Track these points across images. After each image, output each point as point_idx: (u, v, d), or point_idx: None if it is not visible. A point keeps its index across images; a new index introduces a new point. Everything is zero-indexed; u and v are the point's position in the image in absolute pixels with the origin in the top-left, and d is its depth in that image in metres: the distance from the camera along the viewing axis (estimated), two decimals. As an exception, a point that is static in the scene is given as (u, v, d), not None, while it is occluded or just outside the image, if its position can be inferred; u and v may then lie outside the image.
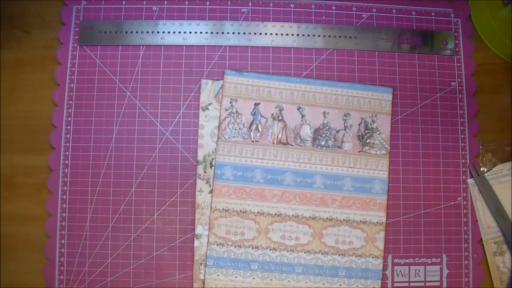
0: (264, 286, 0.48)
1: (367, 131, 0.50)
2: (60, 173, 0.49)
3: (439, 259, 0.50)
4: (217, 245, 0.48)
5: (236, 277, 0.48)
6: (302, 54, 0.52)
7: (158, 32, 0.51)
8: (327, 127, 0.50)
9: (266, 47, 0.52)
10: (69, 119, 0.50)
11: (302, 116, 0.50)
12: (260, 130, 0.49)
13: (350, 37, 0.52)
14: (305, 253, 0.48)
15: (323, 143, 0.49)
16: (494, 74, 0.53)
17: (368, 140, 0.50)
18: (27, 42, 0.51)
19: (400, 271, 0.49)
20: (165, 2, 0.52)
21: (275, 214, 0.49)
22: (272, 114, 0.50)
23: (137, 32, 0.51)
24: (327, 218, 0.49)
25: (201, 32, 0.51)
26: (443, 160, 0.51)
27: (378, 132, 0.50)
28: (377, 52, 0.52)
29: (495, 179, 0.51)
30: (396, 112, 0.51)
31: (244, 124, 0.49)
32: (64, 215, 0.49)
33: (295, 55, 0.51)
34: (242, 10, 0.52)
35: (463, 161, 0.51)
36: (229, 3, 0.52)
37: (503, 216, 0.50)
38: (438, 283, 0.49)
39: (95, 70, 0.50)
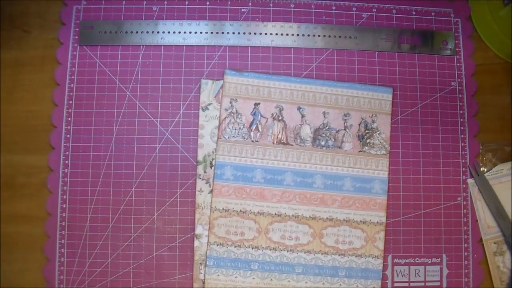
0: (264, 286, 0.48)
1: (367, 131, 0.50)
2: (60, 173, 0.49)
3: (439, 259, 0.50)
4: (217, 245, 0.48)
5: (236, 277, 0.48)
6: (302, 54, 0.52)
7: (158, 32, 0.51)
8: (327, 127, 0.50)
9: (266, 47, 0.52)
10: (69, 119, 0.50)
11: (302, 116, 0.50)
12: (260, 130, 0.49)
13: (350, 37, 0.52)
14: (305, 253, 0.48)
15: (323, 143, 0.49)
16: (494, 74, 0.53)
17: (368, 140, 0.50)
18: (27, 42, 0.51)
19: (400, 271, 0.49)
20: (165, 2, 0.52)
21: (275, 214, 0.49)
22: (272, 114, 0.50)
23: (137, 32, 0.51)
24: (327, 218, 0.49)
25: (201, 32, 0.51)
26: (443, 160, 0.51)
27: (378, 132, 0.50)
28: (377, 52, 0.52)
29: (495, 179, 0.51)
30: (396, 112, 0.51)
31: (244, 124, 0.49)
32: (64, 215, 0.49)
33: (295, 55, 0.51)
34: (242, 10, 0.52)
35: (463, 161, 0.51)
36: (229, 3, 0.52)
37: (503, 216, 0.50)
38: (438, 283, 0.49)
39: (95, 70, 0.50)
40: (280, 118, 0.49)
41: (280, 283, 0.48)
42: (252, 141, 0.49)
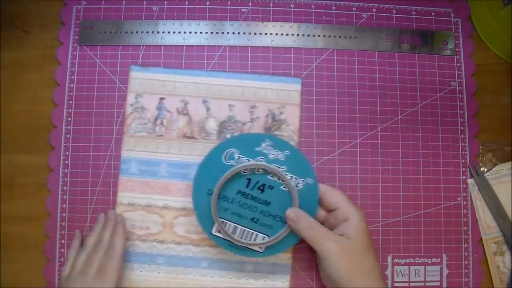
0: (169, 281, 0.47)
1: (274, 123, 0.49)
2: (60, 173, 0.49)
3: (439, 259, 0.50)
4: None
5: (141, 271, 0.47)
6: (302, 54, 0.52)
7: (158, 32, 0.51)
8: (232, 120, 0.49)
9: (266, 47, 0.52)
10: (69, 119, 0.50)
11: (208, 109, 0.49)
12: (165, 124, 0.49)
13: (350, 37, 0.52)
14: (210, 247, 0.48)
15: (228, 136, 0.49)
16: (494, 74, 0.53)
17: (276, 132, 0.49)
18: (27, 42, 0.51)
19: (400, 271, 0.49)
20: (165, 2, 0.52)
21: (180, 208, 0.48)
22: (177, 108, 0.49)
23: (137, 32, 0.51)
24: None
25: (201, 32, 0.51)
26: (443, 160, 0.51)
27: (286, 124, 0.49)
28: (377, 52, 0.52)
29: (495, 179, 0.51)
30: (396, 112, 0.51)
31: (149, 119, 0.49)
32: (64, 215, 0.49)
33: (295, 55, 0.51)
34: (242, 10, 0.52)
35: (463, 161, 0.51)
36: (229, 3, 0.52)
37: (503, 216, 0.50)
38: (438, 283, 0.49)
39: (95, 70, 0.50)
40: (185, 112, 0.49)
41: (185, 277, 0.47)
42: (157, 135, 0.49)
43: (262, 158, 0.44)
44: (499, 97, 0.53)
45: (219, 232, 0.44)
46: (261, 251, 0.45)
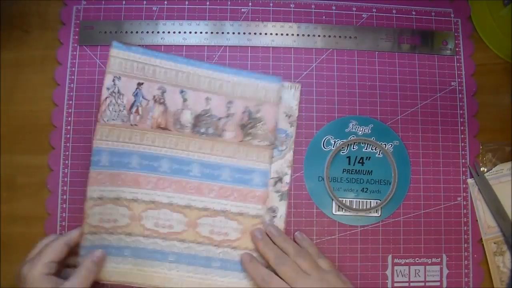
0: (136, 273, 0.46)
1: (250, 121, 0.48)
2: (60, 173, 0.49)
3: (439, 259, 0.50)
4: (91, 234, 0.46)
5: (108, 262, 0.45)
6: (302, 54, 0.52)
7: (158, 32, 0.51)
8: (208, 114, 0.48)
9: (266, 47, 0.52)
10: (69, 119, 0.50)
11: (184, 100, 0.48)
12: (140, 113, 0.47)
13: (350, 37, 0.52)
14: (178, 241, 0.47)
15: (203, 130, 0.48)
16: (494, 74, 0.53)
17: (250, 130, 0.48)
18: (27, 42, 0.51)
19: (400, 271, 0.49)
20: (165, 2, 0.52)
21: (149, 201, 0.47)
22: (154, 96, 0.48)
23: (137, 32, 0.51)
24: (202, 207, 0.47)
25: (201, 32, 0.51)
26: (443, 160, 0.51)
27: (262, 122, 0.48)
28: (377, 52, 0.52)
29: (495, 179, 0.51)
30: (396, 112, 0.51)
31: (124, 106, 0.47)
32: (64, 215, 0.49)
33: (295, 55, 0.51)
34: (242, 10, 0.52)
35: (463, 161, 0.51)
36: (229, 3, 0.52)
37: (503, 216, 0.50)
38: (438, 283, 0.49)
39: (95, 70, 0.50)
40: (162, 101, 0.48)
41: (151, 270, 0.46)
42: (131, 124, 0.47)
43: (353, 136, 0.50)
44: (499, 97, 0.53)
45: (339, 210, 0.49)
46: (378, 215, 0.49)
